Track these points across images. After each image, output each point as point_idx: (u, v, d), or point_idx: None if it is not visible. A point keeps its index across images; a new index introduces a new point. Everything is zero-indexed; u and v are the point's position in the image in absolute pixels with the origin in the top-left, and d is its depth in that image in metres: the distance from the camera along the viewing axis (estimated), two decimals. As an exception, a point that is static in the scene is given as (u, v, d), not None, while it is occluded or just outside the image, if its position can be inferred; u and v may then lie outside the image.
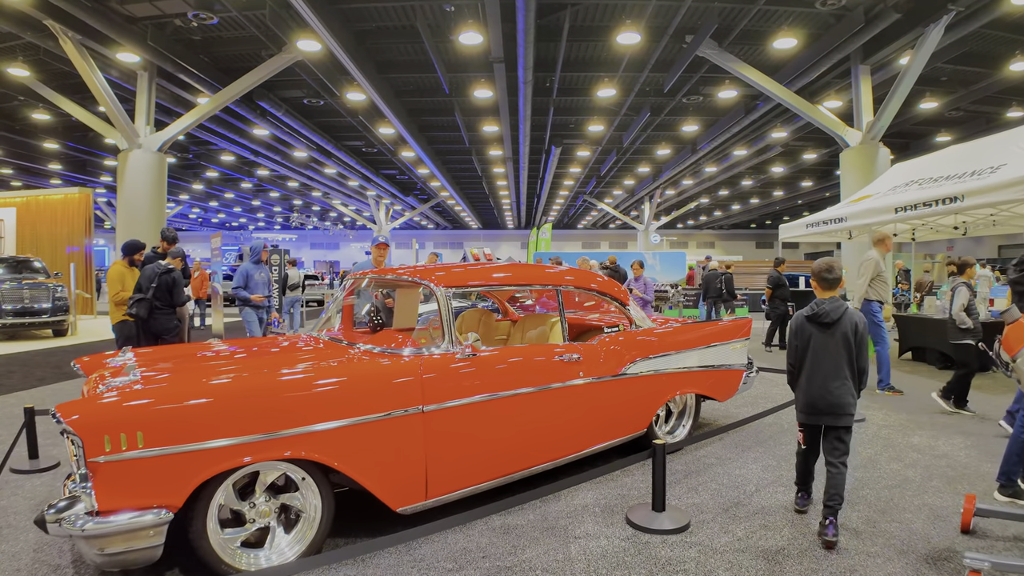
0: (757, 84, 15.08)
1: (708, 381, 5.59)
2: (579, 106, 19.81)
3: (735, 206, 43.25)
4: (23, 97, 18.60)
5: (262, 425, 3.02)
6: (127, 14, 13.67)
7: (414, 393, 3.56)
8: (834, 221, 9.91)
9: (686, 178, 31.13)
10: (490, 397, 3.90)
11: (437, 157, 26.18)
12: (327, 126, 22.53)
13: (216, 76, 16.45)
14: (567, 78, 17.21)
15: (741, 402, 7.35)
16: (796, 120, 19.25)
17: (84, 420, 2.68)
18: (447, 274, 4.19)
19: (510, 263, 4.84)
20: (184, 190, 36.49)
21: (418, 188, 35.90)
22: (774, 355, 11.41)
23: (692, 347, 5.41)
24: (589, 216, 49.70)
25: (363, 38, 14.52)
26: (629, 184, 34.35)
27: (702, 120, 20.86)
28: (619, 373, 4.72)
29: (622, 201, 38.99)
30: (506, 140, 22.14)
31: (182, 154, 27.16)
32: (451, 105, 19.37)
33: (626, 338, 4.97)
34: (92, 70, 14.85)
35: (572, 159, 27.12)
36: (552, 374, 4.28)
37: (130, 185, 16.83)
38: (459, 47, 14.60)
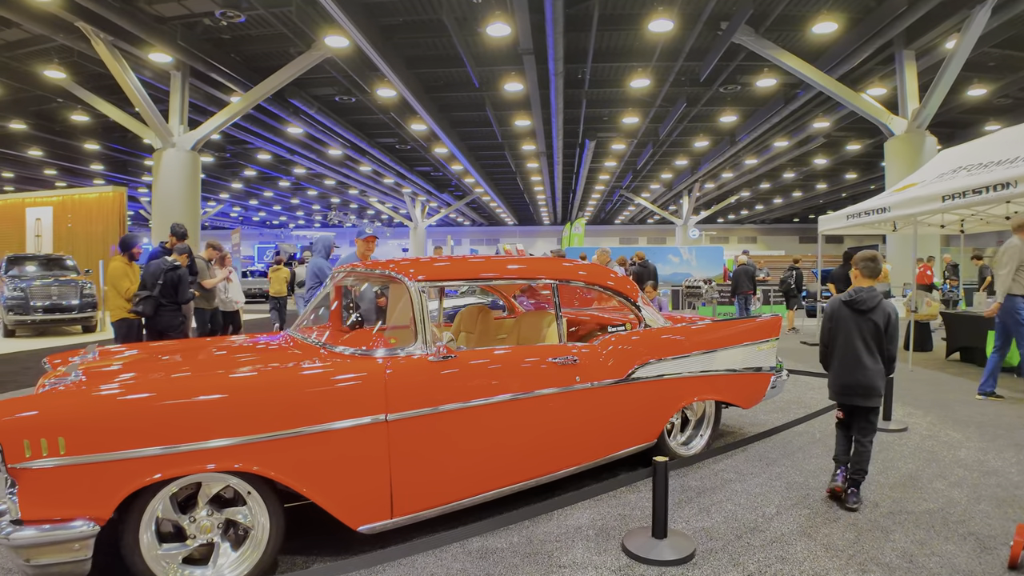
0: (797, 71, 14.47)
1: (729, 386, 5.09)
2: (612, 98, 19.35)
3: (776, 200, 42.12)
4: (61, 99, 18.93)
5: (192, 433, 2.77)
6: (156, 14, 13.74)
7: (375, 400, 3.21)
8: (877, 211, 9.33)
9: (725, 171, 30.34)
10: (468, 404, 3.53)
11: (470, 153, 25.98)
12: (360, 124, 22.52)
13: (247, 75, 16.50)
14: (599, 69, 16.79)
15: (770, 408, 6.82)
16: (838, 109, 18.50)
17: (2, 424, 2.49)
18: (421, 266, 3.82)
19: (501, 256, 4.43)
20: (224, 189, 37.06)
21: (453, 185, 35.78)
22: (808, 356, 10.83)
23: (711, 348, 4.92)
24: (626, 211, 49.03)
25: (390, 33, 14.34)
26: (667, 178, 33.65)
27: (740, 110, 20.21)
28: (624, 377, 4.29)
29: (660, 195, 38.28)
30: (539, 134, 21.80)
31: (219, 153, 27.51)
32: (482, 100, 19.11)
33: (634, 338, 4.53)
34: (125, 71, 14.99)
35: (607, 153, 26.62)
36: (543, 378, 3.88)
37: (164, 183, 17.02)
38: (487, 39, 14.32)
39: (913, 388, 7.91)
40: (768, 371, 5.43)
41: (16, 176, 29.86)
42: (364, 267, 4.42)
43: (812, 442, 5.54)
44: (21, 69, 16.45)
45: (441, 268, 3.96)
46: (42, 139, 23.34)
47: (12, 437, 2.48)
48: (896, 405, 6.50)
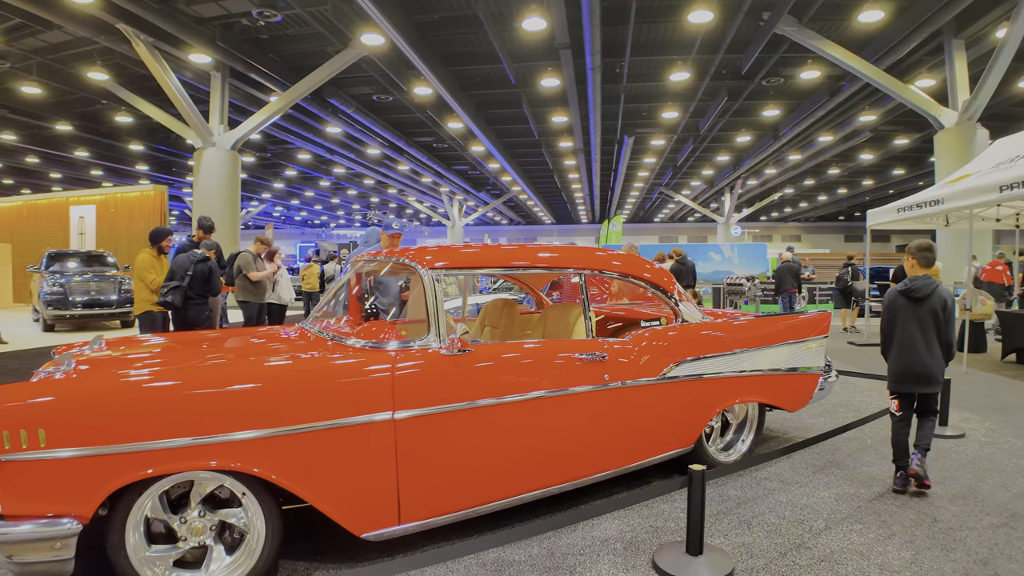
0: (842, 62, 13.93)
1: (774, 388, 4.73)
2: (651, 92, 18.95)
3: (821, 197, 41.01)
4: (105, 101, 19.32)
5: (181, 429, 2.60)
6: (195, 15, 13.86)
7: (382, 396, 2.98)
8: (929, 204, 8.81)
9: (768, 167, 29.60)
10: (483, 403, 3.27)
11: (507, 151, 25.81)
12: (397, 122, 22.53)
13: (286, 75, 16.59)
14: (637, 63, 16.44)
15: (817, 411, 6.44)
16: (885, 102, 17.85)
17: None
18: (438, 253, 3.57)
19: (528, 245, 4.15)
20: (266, 188, 37.55)
21: (490, 183, 35.65)
22: (856, 357, 10.38)
23: (754, 346, 4.56)
24: (666, 209, 48.33)
25: (426, 30, 14.24)
26: (708, 174, 33.01)
27: (783, 104, 19.62)
28: (658, 376, 3.98)
29: (701, 192, 37.58)
30: (576, 131, 21.51)
31: (260, 153, 27.87)
32: (518, 96, 18.91)
33: (669, 334, 4.20)
34: (165, 71, 15.18)
35: (646, 149, 26.17)
36: (567, 376, 3.60)
37: (205, 182, 17.25)
38: (523, 35, 14.12)
39: (968, 391, 7.48)
40: (816, 372, 5.04)
41: (64, 176, 30.65)
42: (381, 255, 4.21)
43: (863, 448, 5.16)
44: (65, 71, 16.81)
45: (459, 255, 3.71)
46: (88, 140, 23.90)
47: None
48: (952, 409, 6.09)
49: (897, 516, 3.77)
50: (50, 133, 22.60)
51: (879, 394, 7.23)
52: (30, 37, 14.92)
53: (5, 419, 2.38)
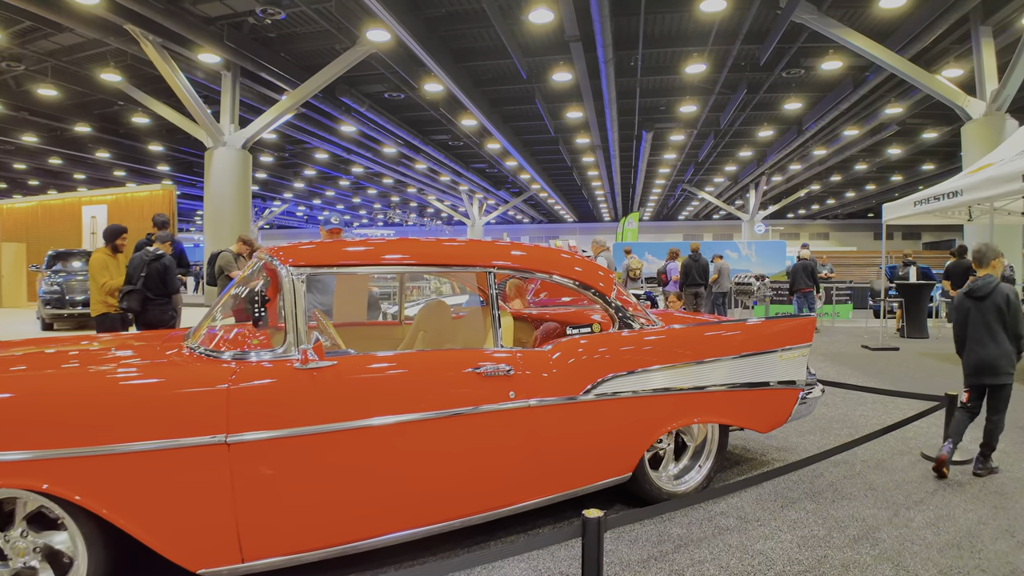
0: (865, 52, 13.40)
1: (738, 405, 4.07)
2: (668, 86, 18.54)
3: (849, 193, 40.06)
4: (122, 102, 19.43)
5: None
6: (201, 14, 13.79)
7: (212, 416, 2.57)
8: (947, 196, 8.23)
9: (793, 163, 28.91)
10: (344, 427, 2.78)
11: (524, 148, 25.51)
12: (412, 121, 22.38)
13: (297, 73, 16.48)
14: (651, 55, 16.06)
15: (807, 428, 5.70)
16: (912, 93, 17.21)
17: None
18: (302, 251, 3.10)
19: (427, 239, 3.60)
20: (287, 188, 37.73)
21: (509, 182, 35.39)
22: (870, 363, 9.80)
23: (715, 357, 3.95)
24: (690, 206, 47.67)
25: (434, 25, 14.02)
26: (731, 170, 32.38)
27: (806, 97, 19.06)
28: (581, 393, 3.41)
29: (725, 189, 36.90)
30: (592, 126, 21.15)
31: (279, 153, 27.95)
32: (531, 92, 18.60)
33: (600, 344, 3.62)
34: (174, 71, 15.15)
35: (666, 144, 25.70)
36: (458, 394, 3.08)
37: (215, 182, 17.24)
38: (531, 28, 13.84)
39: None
40: (794, 386, 4.34)
41: (89, 178, 31.00)
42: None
43: (849, 476, 4.48)
44: (80, 73, 16.91)
45: (329, 252, 3.19)
46: (109, 141, 24.11)
47: None
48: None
49: (869, 572, 3.14)
50: (71, 135, 22.84)
51: (883, 408, 6.57)
52: (43, 39, 15.00)
53: None
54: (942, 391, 4.91)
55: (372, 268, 3.35)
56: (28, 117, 19.96)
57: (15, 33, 14.34)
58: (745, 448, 5.14)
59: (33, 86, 17.51)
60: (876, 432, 4.37)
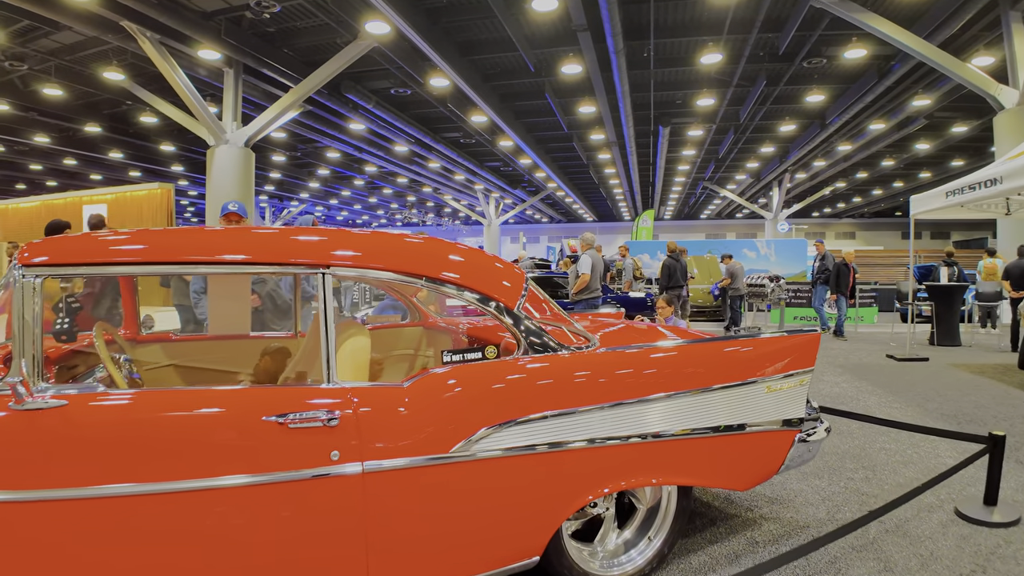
0: (890, 38, 12.64)
1: (703, 458, 2.94)
2: (683, 78, 17.84)
3: (876, 191, 38.85)
4: (130, 102, 19.21)
5: None
6: (198, 9, 13.41)
7: None
8: (984, 184, 7.36)
9: (817, 159, 27.98)
10: (66, 494, 2.03)
11: (538, 145, 24.94)
12: (422, 118, 21.94)
13: (300, 69, 16.09)
14: (664, 46, 15.41)
15: (811, 468, 4.51)
16: (940, 83, 16.37)
17: None
18: (46, 245, 2.32)
19: (224, 229, 2.74)
20: (302, 188, 37.54)
21: (525, 180, 34.83)
22: (896, 377, 9.04)
23: (664, 391, 2.80)
24: (712, 205, 46.73)
25: (435, 16, 13.52)
26: (753, 167, 31.49)
27: (829, 88, 18.23)
28: (453, 449, 2.40)
29: (748, 187, 35.97)
30: (606, 122, 20.53)
31: (291, 153, 27.67)
32: (541, 86, 18.04)
33: (486, 376, 2.58)
34: (173, 69, 14.81)
35: (684, 140, 24.95)
36: (247, 453, 2.21)
37: (217, 179, 16.93)
38: (536, 16, 13.28)
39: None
40: (785, 427, 3.14)
41: (105, 178, 30.96)
42: None
43: (857, 548, 3.28)
44: (84, 72, 16.66)
45: (77, 247, 2.34)
46: (121, 142, 23.97)
47: None
48: (1010, 468, 4.44)
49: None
50: (83, 135, 22.69)
51: (910, 441, 5.30)
52: (43, 38, 14.74)
53: None
54: (980, 416, 4.06)
55: (140, 268, 2.41)
56: (37, 117, 19.80)
57: (15, 32, 14.09)
58: (726, 498, 4.03)
59: (39, 86, 17.33)
60: (902, 497, 3.38)
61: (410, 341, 3.82)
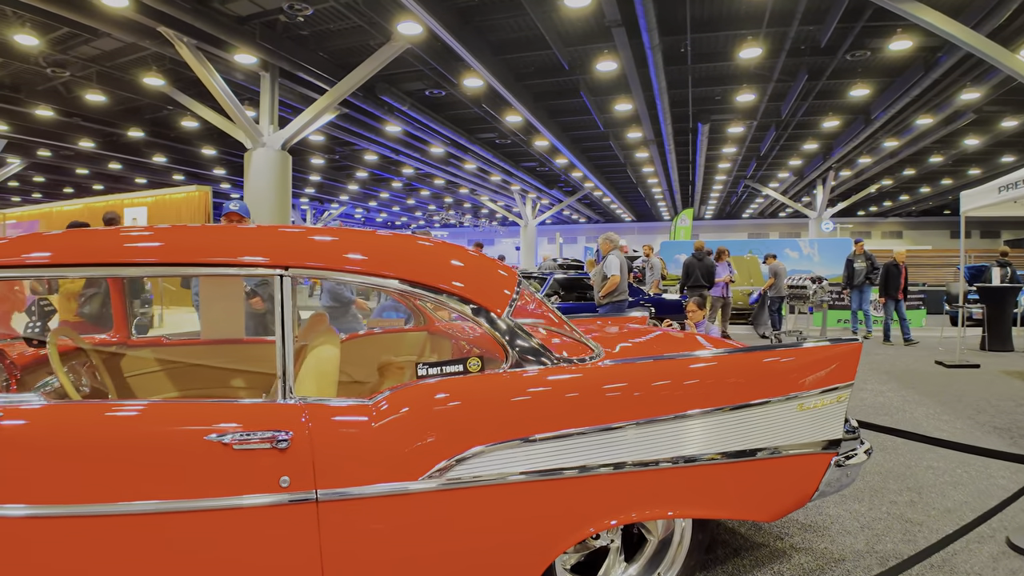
0: (936, 28, 12.08)
1: (721, 486, 2.57)
2: (722, 73, 17.42)
3: (923, 189, 37.53)
4: (171, 107, 19.55)
5: None
6: (232, 14, 13.52)
7: None
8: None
9: (862, 156, 27.12)
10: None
11: (574, 145, 24.69)
12: (457, 119, 21.91)
13: (335, 72, 16.16)
14: (702, 40, 15.03)
15: (851, 489, 4.07)
16: (989, 76, 15.67)
17: None
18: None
19: (150, 228, 2.51)
20: (342, 191, 37.91)
21: (561, 180, 34.58)
22: (945, 385, 8.50)
23: (673, 412, 2.44)
24: (755, 203, 45.80)
25: (467, 16, 13.42)
26: (796, 164, 30.70)
27: (873, 82, 17.60)
28: (423, 477, 2.12)
29: (791, 185, 35.10)
30: (643, 119, 20.19)
31: (329, 156, 27.93)
32: (576, 84, 17.80)
33: (465, 392, 2.29)
34: (210, 73, 14.99)
35: (724, 138, 24.44)
36: (184, 476, 2.00)
37: (254, 183, 17.10)
38: (569, 13, 13.07)
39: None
40: (817, 451, 2.71)
41: (149, 182, 31.68)
42: None
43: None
44: (125, 78, 16.98)
45: (10, 249, 2.16)
46: (163, 146, 24.45)
47: None
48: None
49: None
50: (126, 140, 23.19)
51: (960, 459, 4.77)
52: (83, 45, 15.06)
53: None
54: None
55: (62, 270, 2.18)
56: (81, 123, 20.30)
57: (56, 39, 14.43)
58: (754, 524, 3.67)
59: (81, 92, 17.75)
60: (951, 536, 2.92)
61: (413, 347, 3.60)
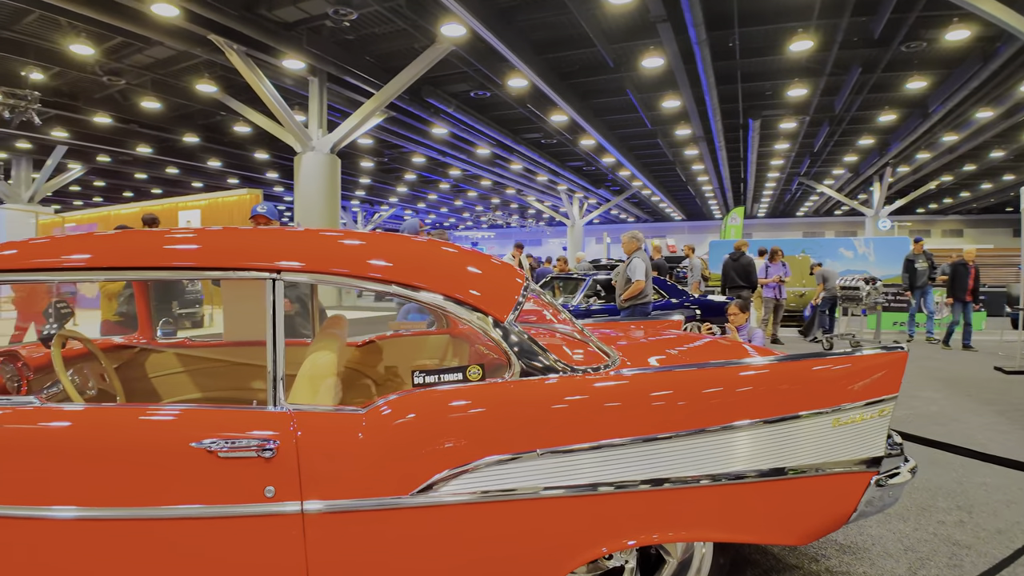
0: (993, 17, 11.50)
1: (746, 508, 2.34)
2: (772, 68, 16.97)
3: (985, 185, 35.99)
4: (224, 112, 20.04)
5: None
6: (279, 20, 13.79)
7: None
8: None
9: (920, 151, 26.13)
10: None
11: (620, 143, 24.45)
12: (502, 120, 21.95)
13: (381, 76, 16.39)
14: (750, 34, 14.69)
15: (900, 510, 3.80)
16: (1052, 66, 14.94)
17: None
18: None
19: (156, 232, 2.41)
20: (391, 193, 38.39)
21: (609, 179, 34.30)
22: (1003, 392, 8.05)
23: (693, 427, 2.24)
24: (809, 201, 44.65)
25: (509, 16, 13.41)
26: (851, 161, 29.81)
27: (930, 74, 16.93)
28: (414, 492, 2.03)
29: (847, 182, 34.05)
30: (692, 116, 19.87)
31: (378, 158, 28.28)
32: (621, 82, 17.61)
33: (460, 402, 2.17)
34: (260, 79, 15.31)
35: (776, 134, 23.85)
36: (169, 484, 1.99)
37: (304, 186, 17.42)
38: (612, 10, 12.93)
39: None
40: (860, 468, 2.43)
41: (205, 186, 32.56)
42: None
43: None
44: (178, 85, 17.49)
45: (16, 253, 2.21)
46: (217, 151, 25.15)
47: None
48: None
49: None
50: (181, 145, 23.89)
51: (1016, 476, 4.32)
52: (137, 54, 15.59)
53: None
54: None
55: (81, 275, 2.22)
56: (138, 129, 20.98)
57: (111, 48, 14.94)
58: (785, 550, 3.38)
59: (137, 99, 18.34)
60: (1008, 558, 2.71)
61: (435, 351, 3.52)
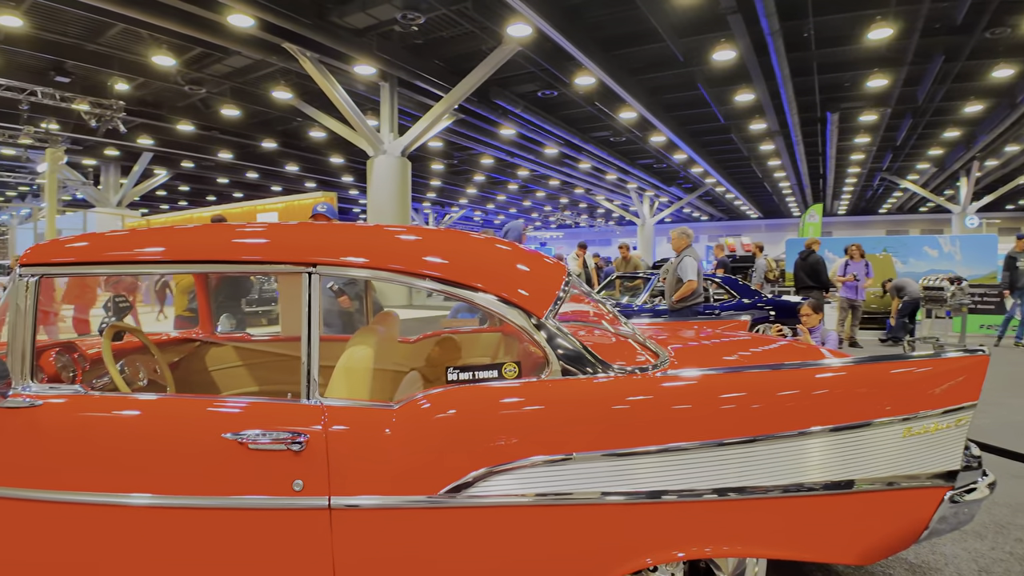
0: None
1: (804, 523, 2.15)
2: (850, 58, 16.28)
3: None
4: (299, 118, 20.72)
5: None
6: (350, 27, 14.15)
7: None
8: None
9: (1008, 143, 24.57)
10: (24, 496, 2.10)
11: (692, 139, 24.01)
12: (570, 119, 21.91)
13: (449, 79, 16.66)
14: (826, 24, 14.15)
15: (976, 527, 3.49)
16: None
17: None
18: (40, 248, 2.35)
19: (209, 227, 2.52)
20: (461, 195, 38.88)
21: (680, 177, 33.72)
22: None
23: (747, 434, 2.07)
24: (892, 198, 42.77)
25: (575, 14, 13.38)
26: (936, 155, 28.37)
27: (1017, 62, 15.85)
28: (442, 492, 1.99)
29: (931, 177, 32.43)
30: (767, 110, 19.31)
31: (448, 161, 28.70)
32: (692, 76, 17.29)
33: (492, 401, 2.11)
34: (333, 85, 15.76)
35: (856, 127, 22.90)
36: (200, 473, 2.06)
37: (377, 189, 17.84)
38: (679, 3, 12.77)
39: None
40: (933, 483, 2.18)
41: (284, 189, 33.74)
42: None
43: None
44: (256, 92, 18.20)
45: (62, 248, 2.34)
46: (295, 155, 26.07)
47: None
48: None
49: None
50: (260, 150, 24.85)
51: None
52: (216, 63, 16.32)
53: None
54: None
55: (124, 268, 2.34)
56: (219, 136, 21.95)
57: (191, 59, 15.68)
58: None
59: (217, 107, 19.17)
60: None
61: (486, 349, 3.50)
